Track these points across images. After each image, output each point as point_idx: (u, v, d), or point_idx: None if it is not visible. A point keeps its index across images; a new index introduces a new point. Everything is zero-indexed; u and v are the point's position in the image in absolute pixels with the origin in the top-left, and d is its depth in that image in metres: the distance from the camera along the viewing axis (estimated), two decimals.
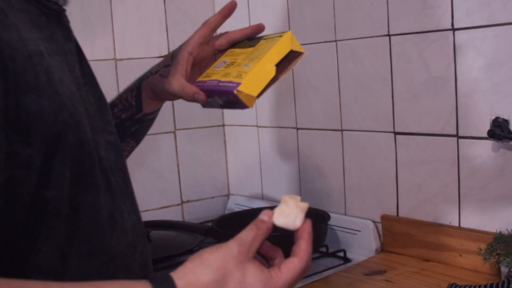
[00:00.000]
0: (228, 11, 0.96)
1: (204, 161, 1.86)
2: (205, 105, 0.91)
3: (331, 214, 1.49)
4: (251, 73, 0.82)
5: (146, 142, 1.73)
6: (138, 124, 1.02)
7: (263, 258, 0.75)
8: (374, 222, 1.44)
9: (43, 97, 0.63)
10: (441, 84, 1.26)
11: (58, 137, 0.64)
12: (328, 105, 1.52)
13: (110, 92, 1.07)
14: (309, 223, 0.75)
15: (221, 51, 0.97)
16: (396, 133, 1.37)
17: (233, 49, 0.95)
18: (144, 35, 1.72)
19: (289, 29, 1.60)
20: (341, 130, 1.50)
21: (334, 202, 1.54)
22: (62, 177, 0.65)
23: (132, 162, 1.71)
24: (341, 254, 1.44)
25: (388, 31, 1.35)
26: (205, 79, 0.90)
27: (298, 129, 1.63)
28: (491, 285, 1.02)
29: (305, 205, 0.75)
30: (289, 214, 0.74)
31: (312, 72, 1.56)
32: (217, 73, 0.89)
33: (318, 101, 1.55)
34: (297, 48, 0.87)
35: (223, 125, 1.89)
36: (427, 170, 1.31)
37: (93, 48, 1.64)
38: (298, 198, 0.76)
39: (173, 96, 0.94)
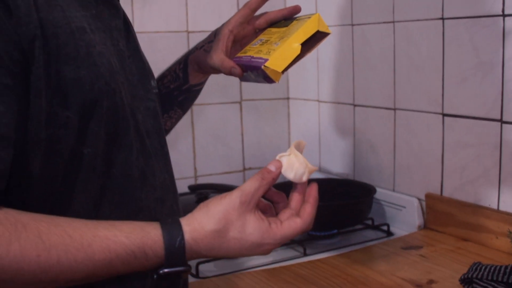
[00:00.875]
0: None
1: (267, 131, 1.96)
2: (241, 78, 0.99)
3: (380, 190, 1.55)
4: (278, 50, 0.90)
5: (213, 111, 1.86)
6: (185, 94, 1.12)
7: (270, 201, 0.84)
8: (419, 199, 1.48)
9: (81, 68, 0.74)
10: (488, 69, 1.28)
11: (94, 102, 0.75)
12: (383, 84, 1.57)
13: None
14: (315, 187, 0.82)
15: (261, 29, 1.05)
16: (444, 115, 1.40)
17: (270, 28, 1.03)
18: (216, 9, 1.82)
19: (351, 8, 1.64)
20: (394, 109, 1.54)
21: (383, 178, 1.60)
22: (97, 137, 0.76)
23: (199, 128, 1.84)
24: (385, 228, 1.50)
25: (442, 15, 1.37)
26: (242, 55, 0.98)
27: (355, 105, 1.68)
28: None
29: (314, 168, 0.83)
30: (298, 169, 0.81)
31: (371, 51, 1.60)
32: (252, 50, 0.97)
33: (375, 79, 1.60)
34: (324, 29, 0.94)
35: (288, 98, 1.97)
36: (471, 153, 1.35)
37: (167, 20, 1.76)
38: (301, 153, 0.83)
39: (214, 70, 1.03)
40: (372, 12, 1.58)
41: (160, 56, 1.68)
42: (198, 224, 0.75)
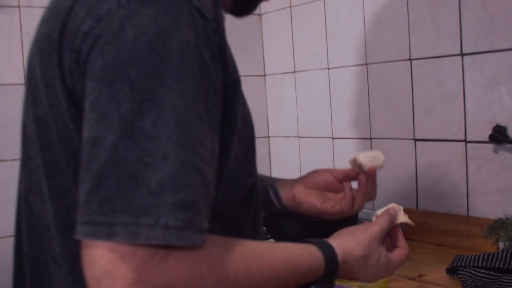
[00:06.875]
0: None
1: None
2: None
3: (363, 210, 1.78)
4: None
5: None
6: None
7: None
8: None
9: (245, 109, 0.86)
10: (452, 98, 1.55)
11: (252, 134, 0.88)
12: (360, 118, 1.82)
13: None
14: (399, 226, 1.03)
15: None
16: (416, 140, 1.65)
17: None
18: None
19: (327, 53, 1.90)
20: (370, 139, 1.79)
21: None
22: (254, 168, 0.90)
23: None
24: None
25: (410, 56, 1.64)
26: None
27: (333, 138, 1.92)
28: (489, 254, 1.29)
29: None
30: (376, 157, 1.14)
31: (347, 91, 1.86)
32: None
33: (351, 114, 1.85)
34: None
35: (269, 136, 2.20)
36: (441, 170, 1.59)
37: None
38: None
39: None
40: (347, 57, 1.85)
41: None
42: (348, 249, 0.89)
